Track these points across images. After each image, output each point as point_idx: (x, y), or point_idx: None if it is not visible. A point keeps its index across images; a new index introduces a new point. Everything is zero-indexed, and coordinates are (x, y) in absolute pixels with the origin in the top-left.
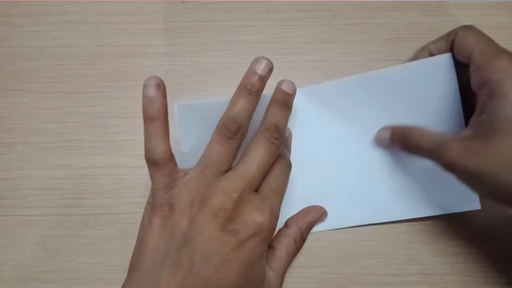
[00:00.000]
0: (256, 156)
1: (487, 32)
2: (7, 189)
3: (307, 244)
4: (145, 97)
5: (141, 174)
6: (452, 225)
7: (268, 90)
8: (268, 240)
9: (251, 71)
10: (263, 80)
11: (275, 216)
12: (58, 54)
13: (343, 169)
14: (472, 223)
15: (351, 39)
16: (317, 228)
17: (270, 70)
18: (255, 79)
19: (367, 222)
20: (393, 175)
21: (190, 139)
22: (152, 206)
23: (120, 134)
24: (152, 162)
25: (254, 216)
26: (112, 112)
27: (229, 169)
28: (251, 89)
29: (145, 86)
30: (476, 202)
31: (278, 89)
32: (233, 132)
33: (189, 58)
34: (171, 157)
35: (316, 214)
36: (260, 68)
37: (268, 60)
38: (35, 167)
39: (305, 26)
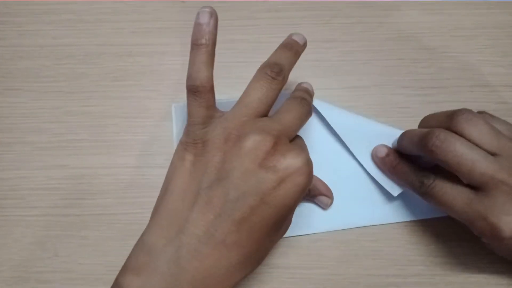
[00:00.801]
0: (291, 111)
1: (486, 31)
2: (6, 189)
3: (308, 244)
4: (196, 23)
5: (141, 174)
6: (453, 225)
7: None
8: (306, 188)
9: (290, 39)
10: (304, 44)
11: (311, 164)
12: (57, 53)
13: (344, 171)
14: None
15: (352, 38)
16: (318, 229)
17: (304, 44)
18: (300, 43)
19: (367, 223)
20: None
21: None
22: (184, 143)
23: (120, 134)
24: (192, 88)
25: (292, 158)
26: (112, 111)
27: (265, 115)
28: (291, 47)
29: (198, 14)
30: None
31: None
32: (275, 72)
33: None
34: (211, 89)
35: (326, 191)
36: (299, 38)
37: (303, 36)
38: (34, 167)
39: (306, 25)
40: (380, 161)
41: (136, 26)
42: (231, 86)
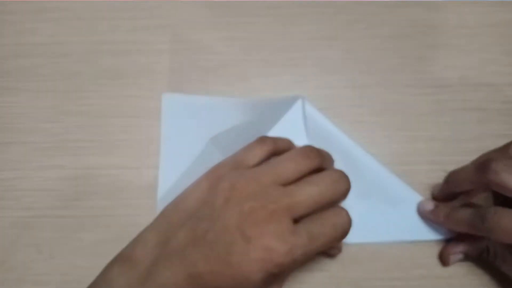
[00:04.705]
0: (313, 184)
1: (490, 29)
2: (2, 190)
3: None
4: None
5: (138, 175)
6: None
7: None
8: (270, 275)
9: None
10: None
11: (292, 257)
12: (53, 52)
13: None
14: None
15: (353, 36)
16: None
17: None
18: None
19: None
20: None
21: (173, 128)
22: (210, 171)
23: (116, 134)
24: (264, 138)
25: (270, 240)
26: (108, 111)
27: (289, 184)
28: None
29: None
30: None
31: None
32: (314, 154)
33: (187, 55)
34: (272, 154)
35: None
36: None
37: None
38: (29, 167)
39: (307, 23)
40: (431, 214)
41: (133, 24)
42: (229, 84)
